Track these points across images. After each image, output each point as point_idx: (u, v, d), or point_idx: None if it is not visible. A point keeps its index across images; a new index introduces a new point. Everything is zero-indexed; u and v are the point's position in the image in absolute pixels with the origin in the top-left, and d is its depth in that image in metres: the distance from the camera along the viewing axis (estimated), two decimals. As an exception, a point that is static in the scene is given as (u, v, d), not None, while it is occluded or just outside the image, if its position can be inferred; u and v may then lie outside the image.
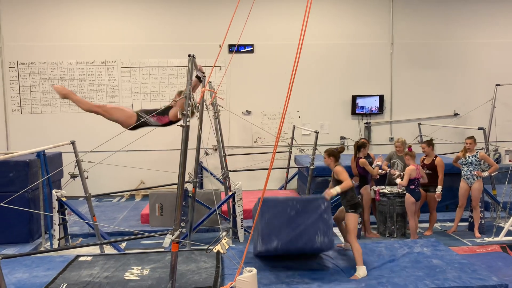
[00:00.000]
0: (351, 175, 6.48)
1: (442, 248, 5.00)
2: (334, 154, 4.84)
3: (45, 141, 7.25)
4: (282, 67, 9.13)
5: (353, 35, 9.90)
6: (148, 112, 4.15)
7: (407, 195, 6.01)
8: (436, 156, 6.36)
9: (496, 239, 5.87)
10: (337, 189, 4.56)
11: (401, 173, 6.20)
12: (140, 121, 4.05)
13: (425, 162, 6.39)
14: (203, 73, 3.95)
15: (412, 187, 5.98)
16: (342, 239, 5.34)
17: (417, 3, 9.92)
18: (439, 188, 6.16)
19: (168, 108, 4.12)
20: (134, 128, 4.17)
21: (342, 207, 4.88)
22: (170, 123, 4.17)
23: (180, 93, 4.01)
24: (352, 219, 4.63)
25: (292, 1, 9.55)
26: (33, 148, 5.22)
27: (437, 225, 6.86)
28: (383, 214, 6.42)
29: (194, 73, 3.76)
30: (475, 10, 10.06)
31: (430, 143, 6.43)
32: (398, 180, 6.09)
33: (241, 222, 6.04)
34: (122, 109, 4.23)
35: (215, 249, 2.80)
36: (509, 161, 9.50)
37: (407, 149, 6.25)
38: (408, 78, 10.04)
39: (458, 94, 10.13)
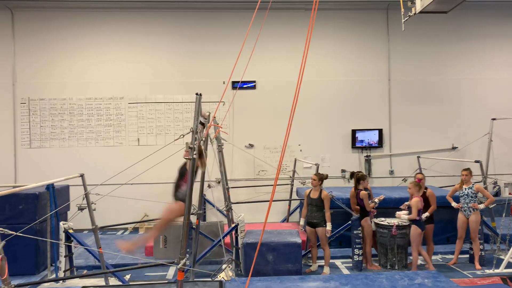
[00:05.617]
0: (349, 207, 6.63)
1: (443, 280, 5.05)
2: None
3: (52, 174, 7.47)
4: (283, 102, 9.43)
5: (351, 72, 10.27)
6: (177, 186, 4.88)
7: (414, 226, 6.12)
8: (426, 188, 6.52)
9: (496, 271, 5.91)
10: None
11: (406, 208, 6.34)
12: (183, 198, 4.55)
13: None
14: (206, 119, 4.22)
15: (418, 218, 6.10)
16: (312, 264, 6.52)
17: (413, 41, 10.31)
18: (426, 214, 6.26)
19: (184, 168, 4.68)
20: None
21: (309, 229, 6.30)
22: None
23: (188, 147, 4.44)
24: (324, 230, 6.19)
25: (292, 40, 9.98)
26: (40, 182, 5.37)
27: (438, 257, 6.90)
28: (384, 246, 6.49)
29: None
30: (468, 48, 10.46)
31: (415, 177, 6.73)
32: (405, 216, 6.20)
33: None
34: (171, 211, 4.85)
35: (220, 276, 2.92)
36: (509, 193, 9.54)
37: (416, 181, 6.42)
38: (406, 113, 10.31)
39: (456, 128, 10.36)
